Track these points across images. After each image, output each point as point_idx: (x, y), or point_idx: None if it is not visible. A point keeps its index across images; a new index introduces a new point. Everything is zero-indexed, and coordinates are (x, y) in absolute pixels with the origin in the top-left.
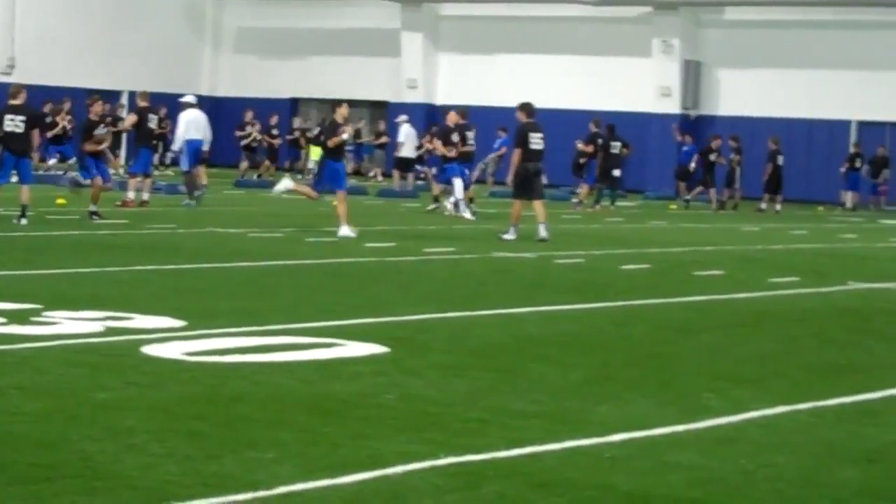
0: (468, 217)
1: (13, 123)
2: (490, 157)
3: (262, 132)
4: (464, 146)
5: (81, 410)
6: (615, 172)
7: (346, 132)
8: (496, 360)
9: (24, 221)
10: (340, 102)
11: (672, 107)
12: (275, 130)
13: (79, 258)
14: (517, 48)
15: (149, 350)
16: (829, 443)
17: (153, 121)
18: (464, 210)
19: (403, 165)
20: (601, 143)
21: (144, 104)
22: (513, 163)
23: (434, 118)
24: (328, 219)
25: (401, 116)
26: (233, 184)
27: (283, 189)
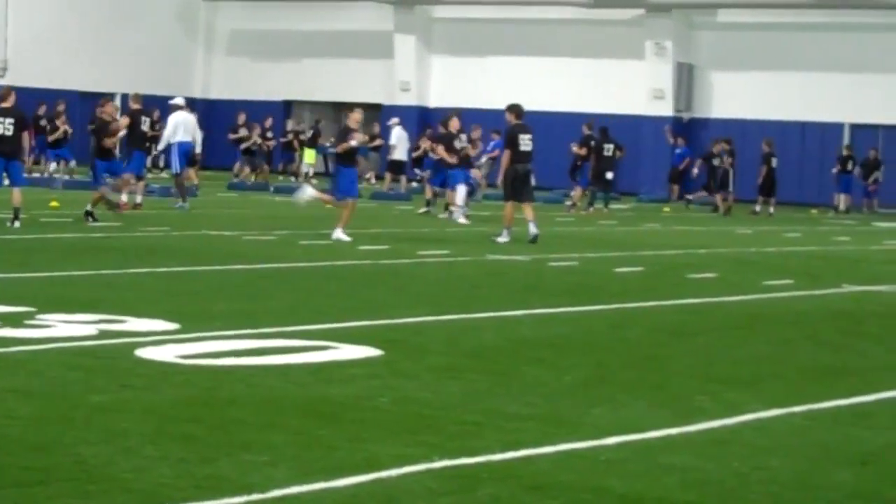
0: (462, 221)
1: (2, 126)
2: (483, 160)
3: (268, 137)
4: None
5: (75, 413)
6: (608, 175)
7: (356, 138)
8: (491, 363)
9: (17, 224)
10: (353, 107)
11: (665, 109)
12: (269, 133)
13: (72, 261)
14: (510, 50)
15: (143, 353)
16: (824, 445)
17: (146, 123)
18: (458, 215)
19: (396, 168)
20: (594, 146)
21: (137, 106)
22: (502, 164)
23: (427, 120)
24: (322, 221)
25: (392, 119)
26: (226, 186)
27: (307, 197)
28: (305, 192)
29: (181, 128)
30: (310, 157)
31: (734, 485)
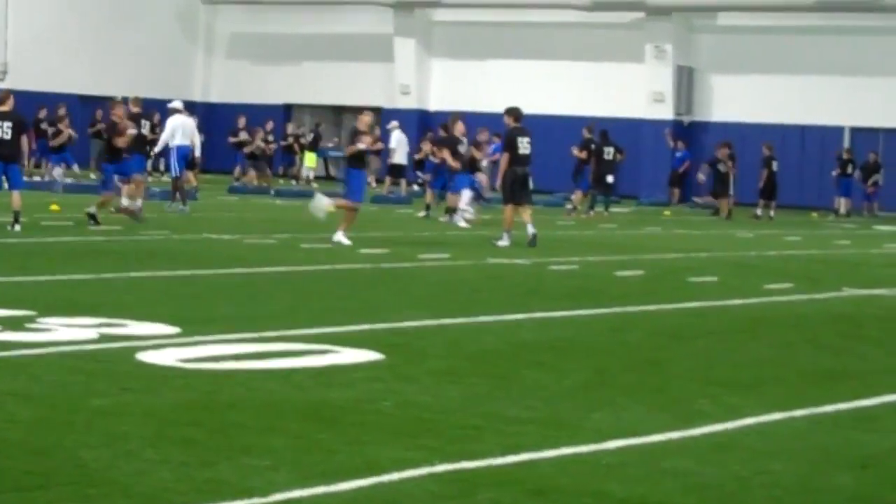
0: (462, 225)
1: (0, 130)
2: (484, 164)
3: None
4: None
5: (76, 417)
6: (608, 178)
7: (364, 142)
8: (491, 367)
9: (18, 228)
10: (363, 110)
11: (665, 112)
12: (270, 136)
13: (73, 264)
14: (510, 54)
15: (143, 357)
16: (825, 449)
17: (146, 126)
18: (458, 219)
19: (395, 172)
20: (594, 149)
21: (137, 110)
22: (501, 167)
23: (428, 124)
24: (322, 225)
25: (392, 123)
26: (227, 189)
27: (324, 207)
28: (321, 202)
29: (179, 131)
30: (310, 161)
31: (735, 489)
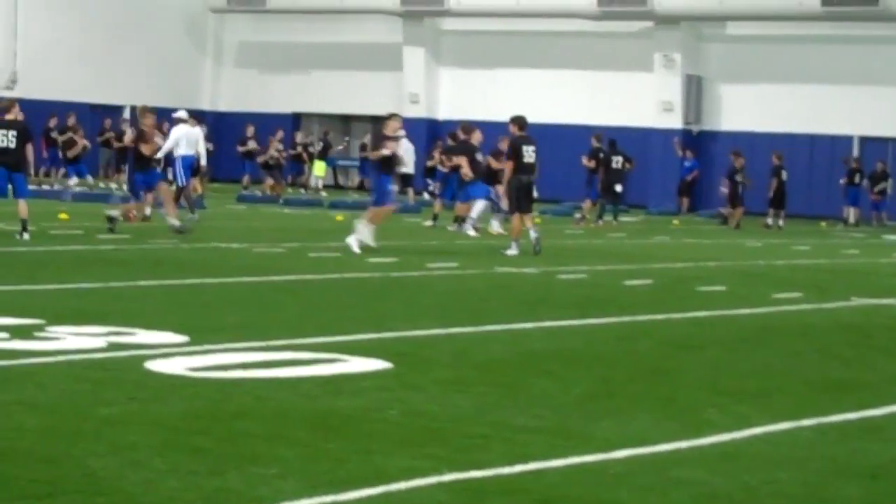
0: (471, 234)
1: (5, 138)
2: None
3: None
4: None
5: (84, 426)
6: (617, 187)
7: (389, 147)
8: (499, 376)
9: (26, 236)
10: (392, 115)
11: (674, 121)
12: (279, 145)
13: (82, 273)
14: (519, 63)
15: (152, 365)
16: (833, 459)
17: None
18: (467, 228)
19: (403, 181)
20: (603, 158)
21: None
22: (505, 176)
23: (437, 132)
24: (330, 234)
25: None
26: (235, 198)
27: (362, 238)
28: (360, 235)
29: (183, 141)
30: (319, 170)
31: (743, 498)
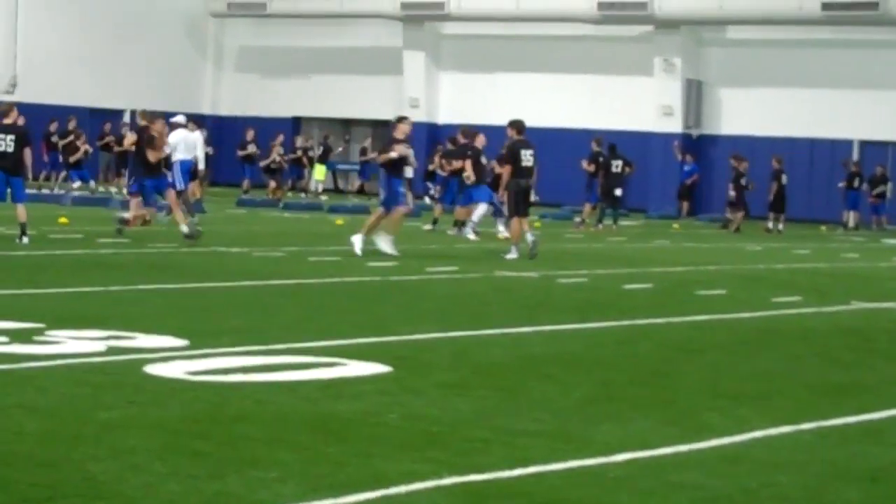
0: (472, 238)
1: (3, 142)
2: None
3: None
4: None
5: (84, 430)
6: (617, 191)
7: (397, 150)
8: (499, 380)
9: (26, 240)
10: (403, 118)
11: (674, 126)
12: (281, 149)
13: (81, 277)
14: (519, 67)
15: (151, 369)
16: (833, 462)
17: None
18: (468, 232)
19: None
20: (602, 162)
21: (145, 123)
22: (503, 180)
23: (437, 137)
24: (330, 238)
25: None
26: (235, 202)
27: (385, 250)
28: (383, 248)
29: (181, 146)
30: (319, 174)
31: (743, 502)
